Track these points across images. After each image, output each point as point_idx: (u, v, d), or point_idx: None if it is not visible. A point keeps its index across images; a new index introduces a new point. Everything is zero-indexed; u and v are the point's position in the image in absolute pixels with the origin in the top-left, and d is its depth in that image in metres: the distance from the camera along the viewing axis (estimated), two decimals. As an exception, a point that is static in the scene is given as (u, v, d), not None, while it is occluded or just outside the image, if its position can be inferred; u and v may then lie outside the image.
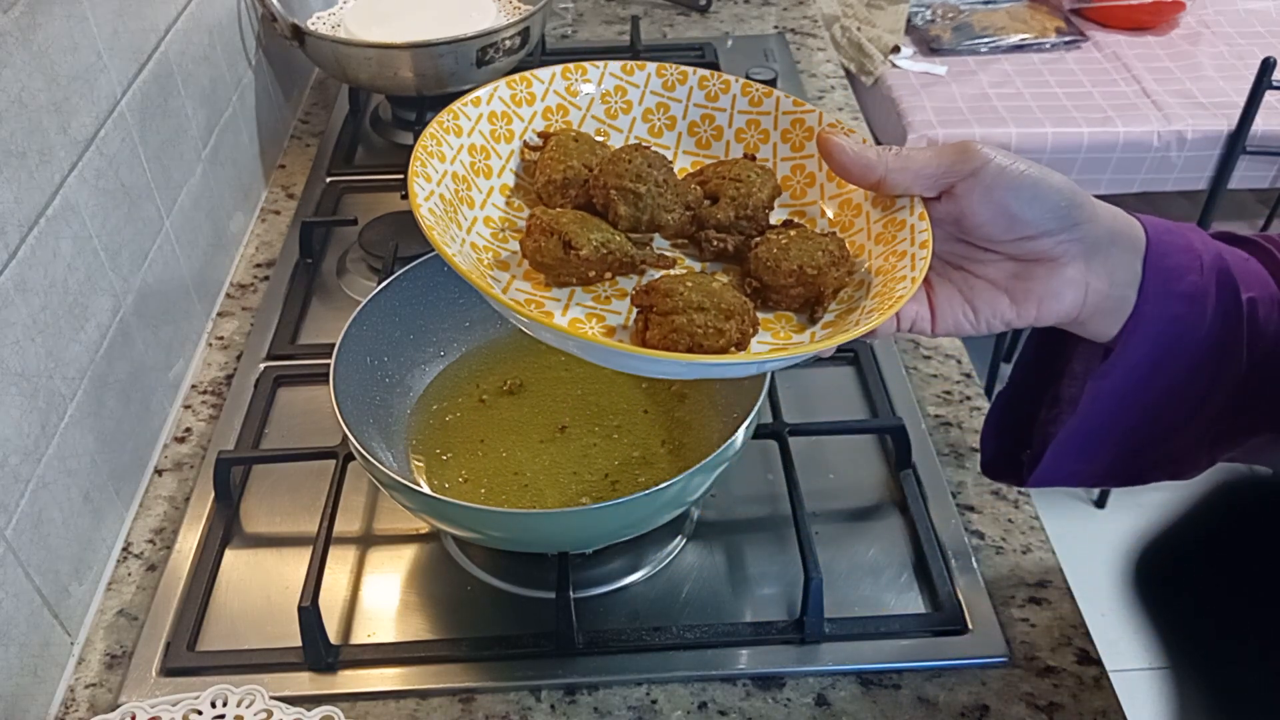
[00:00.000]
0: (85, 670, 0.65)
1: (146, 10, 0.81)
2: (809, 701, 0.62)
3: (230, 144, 0.98)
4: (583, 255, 0.52)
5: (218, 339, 0.89)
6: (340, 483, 0.70)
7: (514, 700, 0.63)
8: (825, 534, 0.71)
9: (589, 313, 0.53)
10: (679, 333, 0.49)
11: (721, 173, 0.58)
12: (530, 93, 0.60)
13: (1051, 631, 0.66)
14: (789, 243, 0.54)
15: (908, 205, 0.53)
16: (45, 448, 0.64)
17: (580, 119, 0.61)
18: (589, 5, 1.41)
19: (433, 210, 0.52)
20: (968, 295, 0.52)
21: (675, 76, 0.62)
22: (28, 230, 0.63)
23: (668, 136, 0.62)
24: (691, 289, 0.50)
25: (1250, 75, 1.52)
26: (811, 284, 0.53)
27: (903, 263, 0.51)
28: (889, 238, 0.54)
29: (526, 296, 0.53)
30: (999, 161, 0.48)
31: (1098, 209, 0.50)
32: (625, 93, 0.62)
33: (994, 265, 0.52)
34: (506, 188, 0.59)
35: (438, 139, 0.56)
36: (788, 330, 0.54)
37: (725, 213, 0.56)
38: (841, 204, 0.58)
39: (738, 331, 0.50)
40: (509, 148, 0.59)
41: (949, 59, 1.82)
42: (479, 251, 0.54)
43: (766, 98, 0.62)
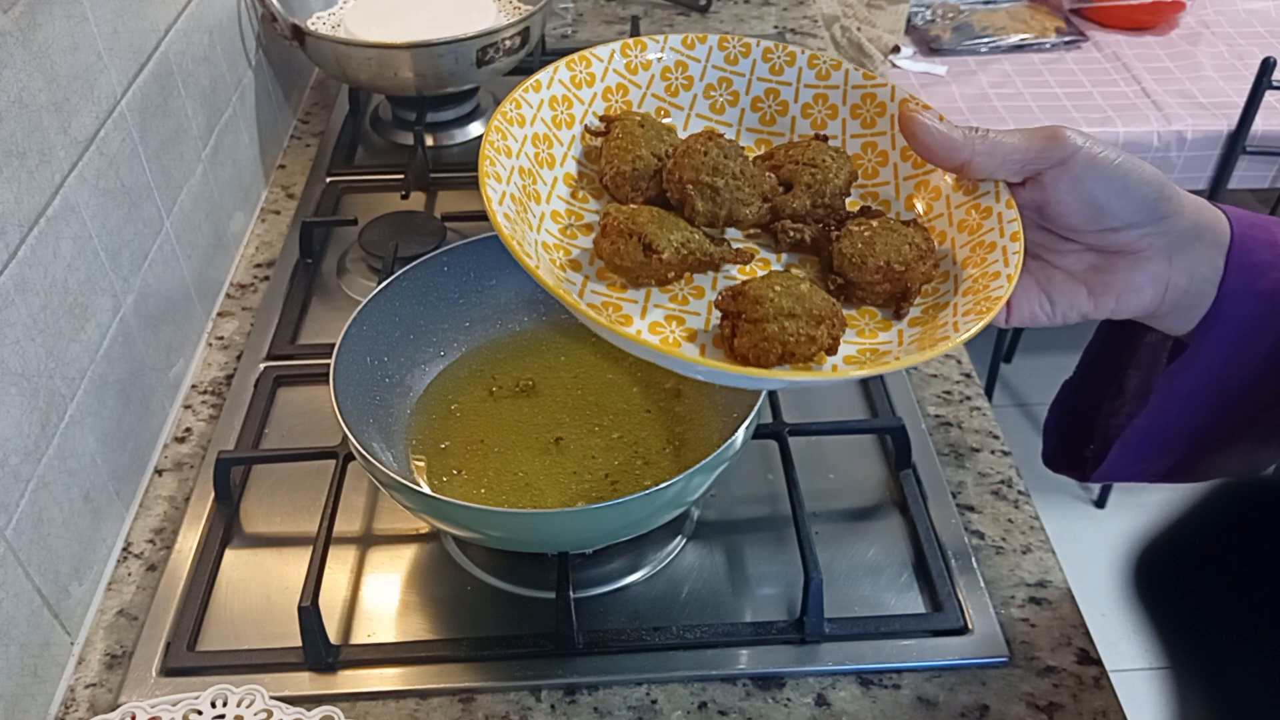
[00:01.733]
0: (85, 670, 0.65)
1: (146, 10, 0.81)
2: (809, 701, 0.62)
3: (230, 144, 0.98)
4: (665, 258, 0.51)
5: (218, 339, 0.89)
6: (340, 483, 0.70)
7: (514, 700, 0.63)
8: (825, 534, 0.71)
9: (668, 315, 0.51)
10: (770, 341, 0.48)
11: (794, 156, 0.55)
12: (590, 73, 0.58)
13: (1051, 631, 0.66)
14: (873, 236, 0.51)
15: (993, 191, 0.51)
16: (45, 448, 0.64)
17: (641, 98, 0.59)
18: (589, 5, 1.41)
19: (508, 215, 0.50)
20: (1045, 286, 0.51)
21: (738, 49, 0.59)
22: (28, 230, 0.63)
23: (730, 113, 0.59)
24: (780, 294, 0.48)
25: (1250, 75, 1.52)
26: (899, 280, 0.51)
27: (993, 255, 0.49)
28: (974, 226, 0.52)
29: (603, 299, 0.51)
30: (1090, 150, 0.47)
31: (1184, 201, 0.48)
32: (686, 68, 0.59)
33: (1073, 256, 0.50)
34: (570, 177, 0.56)
35: (503, 132, 0.53)
36: (873, 327, 0.52)
37: (801, 201, 0.54)
38: (918, 185, 0.55)
39: (829, 337, 0.49)
40: (570, 134, 0.57)
41: (949, 59, 1.82)
42: (550, 251, 0.53)
43: (835, 70, 0.58)
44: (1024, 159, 0.49)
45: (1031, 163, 0.49)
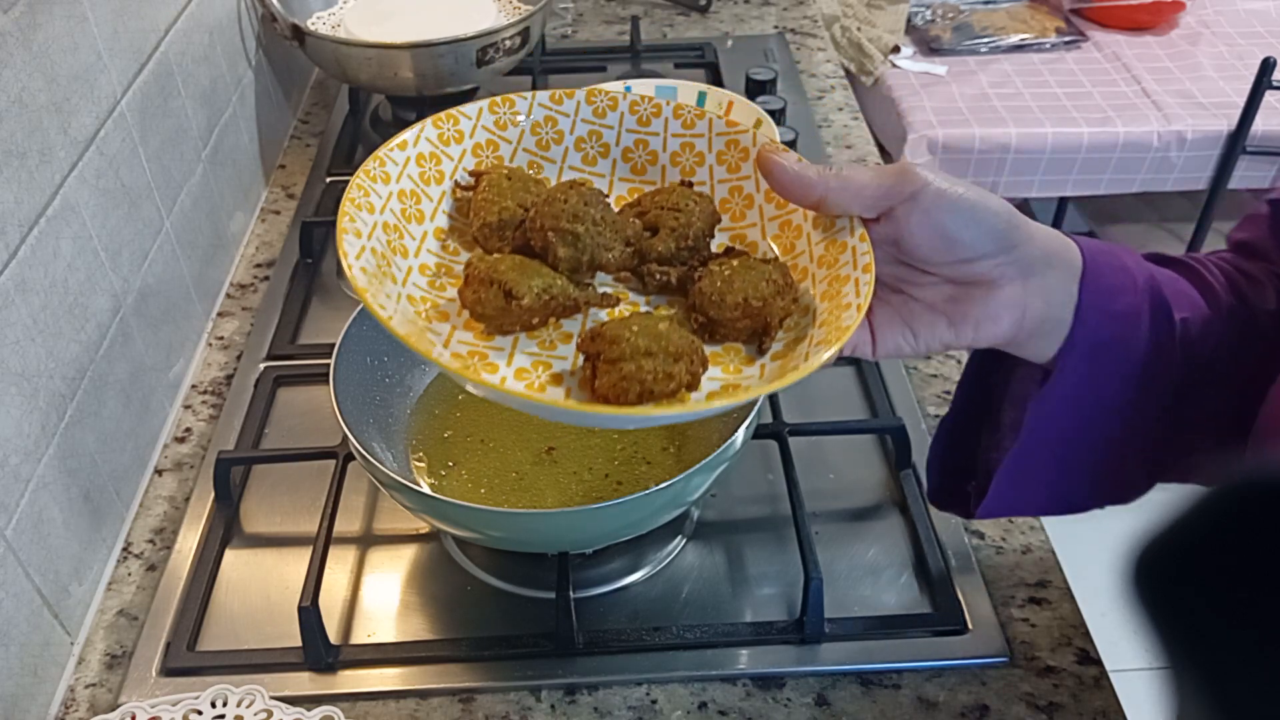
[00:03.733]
0: (85, 670, 0.65)
1: (146, 10, 0.81)
2: (809, 701, 0.63)
3: (230, 144, 0.98)
4: (524, 304, 0.51)
5: (218, 339, 0.89)
6: (340, 483, 0.70)
7: (514, 700, 0.63)
8: (825, 534, 0.71)
9: (534, 360, 0.52)
10: (628, 380, 0.48)
11: (659, 202, 0.57)
12: (458, 130, 0.59)
13: (1051, 631, 0.66)
14: (732, 274, 0.53)
15: (848, 226, 0.52)
16: (45, 448, 0.64)
17: (511, 153, 0.60)
18: (589, 5, 1.41)
19: (365, 269, 0.51)
20: (906, 318, 0.52)
21: (605, 103, 0.61)
22: (28, 230, 0.63)
23: (602, 164, 0.61)
24: (638, 333, 0.49)
25: (1250, 75, 1.52)
26: (758, 315, 0.52)
27: (847, 288, 0.51)
28: (831, 260, 0.53)
29: (469, 349, 0.52)
30: (937, 185, 0.48)
31: (1034, 231, 0.50)
32: (555, 123, 0.61)
33: (932, 288, 0.52)
34: (441, 231, 0.57)
35: (365, 189, 0.54)
36: (737, 363, 0.53)
37: (666, 244, 0.55)
38: (782, 225, 0.57)
39: (687, 373, 0.49)
40: (440, 189, 0.58)
41: (949, 59, 1.82)
42: (416, 304, 0.53)
43: (699, 120, 0.60)
44: (875, 194, 0.50)
45: (883, 198, 0.50)
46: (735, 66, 1.23)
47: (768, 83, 1.13)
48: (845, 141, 1.13)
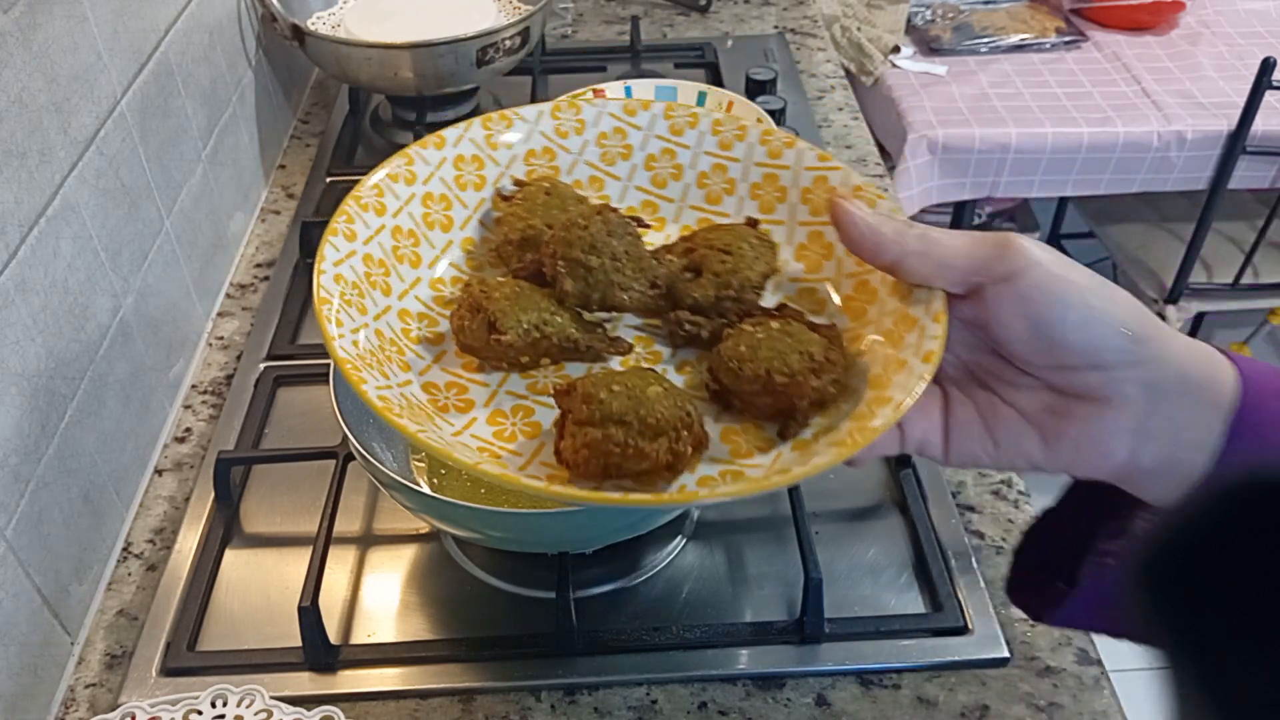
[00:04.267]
0: (85, 670, 0.65)
1: (146, 10, 0.81)
2: (809, 702, 0.62)
3: (230, 144, 0.98)
4: (506, 340, 0.45)
5: (218, 339, 0.89)
6: (340, 483, 0.70)
7: (514, 700, 0.63)
8: (825, 534, 0.71)
9: (517, 404, 0.46)
10: (592, 449, 0.41)
11: (711, 241, 0.49)
12: (509, 137, 0.53)
13: (1051, 631, 0.66)
14: (763, 338, 0.45)
15: (926, 300, 0.43)
16: (45, 448, 0.64)
17: (570, 164, 0.54)
18: (589, 5, 1.41)
19: (341, 277, 0.45)
20: (990, 422, 0.43)
21: (685, 119, 0.54)
22: (28, 230, 0.63)
23: (673, 187, 0.54)
24: (618, 394, 0.42)
25: (1250, 75, 1.52)
26: (781, 394, 0.44)
27: (899, 377, 0.42)
28: (896, 337, 0.44)
29: (450, 379, 0.46)
30: (1045, 270, 0.39)
31: (1171, 345, 0.39)
32: (625, 135, 0.54)
33: (1027, 393, 0.42)
34: (470, 242, 0.52)
35: (380, 189, 0.49)
36: (751, 444, 0.45)
37: (704, 291, 0.47)
38: (858, 286, 0.48)
39: (668, 453, 0.42)
40: (479, 196, 0.52)
41: (949, 59, 1.82)
42: (408, 319, 0.48)
43: (787, 149, 0.52)
44: (964, 268, 0.41)
45: (972, 273, 0.41)
46: (735, 66, 1.23)
47: (768, 83, 1.13)
48: (845, 141, 1.13)
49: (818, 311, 0.49)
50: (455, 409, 0.45)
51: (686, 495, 0.43)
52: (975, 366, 0.44)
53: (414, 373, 0.46)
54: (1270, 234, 1.64)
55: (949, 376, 0.44)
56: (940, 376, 0.44)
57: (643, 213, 0.55)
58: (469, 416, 0.45)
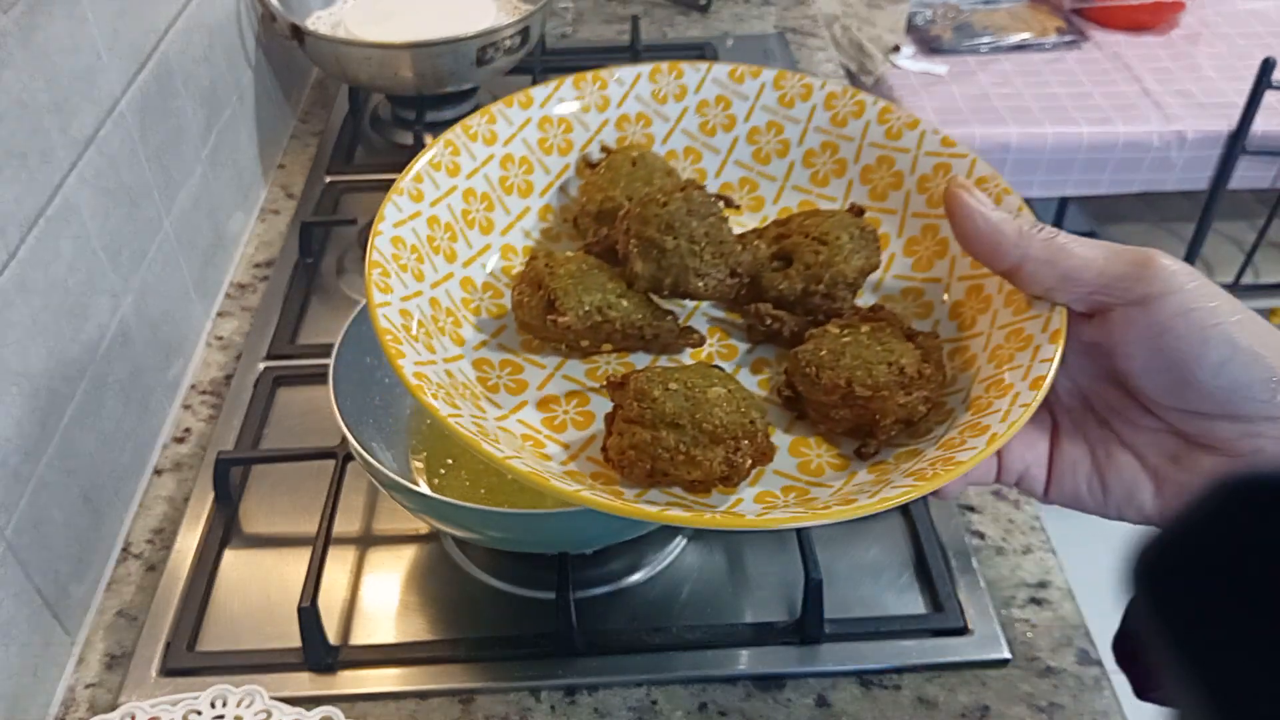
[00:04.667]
0: (85, 670, 0.65)
1: (146, 10, 0.81)
2: (809, 702, 0.62)
3: (230, 144, 0.98)
4: (563, 322, 0.41)
5: (217, 339, 0.89)
6: (340, 483, 0.70)
7: (514, 701, 0.63)
8: (825, 534, 0.71)
9: (572, 391, 0.43)
10: (639, 451, 0.38)
11: (807, 228, 0.45)
12: (603, 96, 0.49)
13: (1052, 632, 0.66)
14: (848, 343, 0.40)
15: (1044, 315, 0.38)
16: (45, 448, 0.64)
17: (667, 133, 0.50)
18: (589, 5, 1.41)
19: (400, 240, 0.42)
20: (1102, 464, 0.38)
21: (797, 90, 0.49)
22: (27, 230, 0.63)
23: (776, 165, 0.50)
24: (674, 393, 0.38)
25: (1250, 75, 1.52)
26: (862, 408, 0.39)
27: (1000, 403, 0.37)
28: (1005, 355, 0.39)
29: (505, 356, 0.43)
30: (1188, 296, 0.34)
31: None
32: (729, 105, 0.50)
33: (1150, 434, 0.37)
34: (550, 210, 0.48)
35: (455, 147, 0.46)
36: (823, 462, 0.40)
37: (791, 284, 0.44)
38: (970, 290, 0.43)
39: (724, 464, 0.37)
40: (564, 161, 0.49)
41: (949, 59, 1.82)
42: (471, 289, 0.44)
43: (909, 130, 0.47)
44: (1093, 283, 0.36)
45: (1102, 291, 0.36)
46: (735, 66, 1.23)
47: (768, 83, 1.12)
48: (845, 141, 1.13)
49: (922, 316, 0.45)
50: (506, 389, 0.42)
51: (728, 520, 0.37)
52: (1094, 398, 0.39)
53: (468, 347, 0.43)
54: (1270, 234, 1.64)
55: (1063, 405, 0.40)
56: (1053, 403, 0.40)
57: (740, 191, 0.50)
58: (519, 399, 0.42)
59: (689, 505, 0.38)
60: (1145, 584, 0.31)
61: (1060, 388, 0.40)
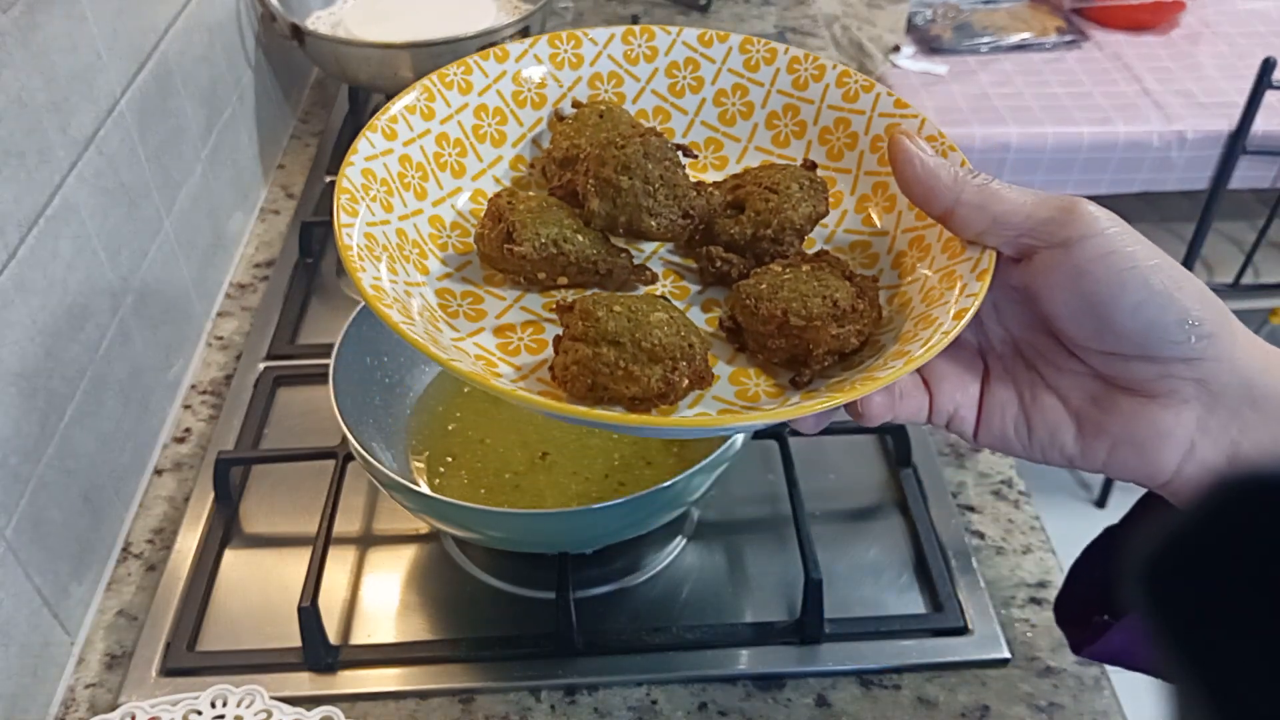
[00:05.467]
0: (85, 670, 0.65)
1: (146, 10, 0.81)
2: (809, 702, 0.62)
3: (230, 144, 0.98)
4: (519, 251, 0.43)
5: (217, 339, 0.89)
6: (340, 483, 0.70)
7: (514, 700, 0.63)
8: (825, 534, 0.71)
9: (528, 321, 0.44)
10: (581, 366, 0.40)
11: (761, 179, 0.47)
12: (577, 54, 0.52)
13: (1052, 632, 0.66)
14: (787, 279, 0.42)
15: (974, 258, 0.40)
16: (45, 448, 0.64)
17: (637, 92, 0.52)
18: (589, 4, 1.41)
19: (370, 173, 0.44)
20: (1028, 406, 0.39)
21: (761, 54, 0.51)
22: (27, 230, 0.63)
23: (740, 126, 0.52)
24: (617, 314, 0.40)
25: (1250, 75, 1.52)
26: (796, 337, 0.41)
27: (925, 333, 0.39)
28: (937, 295, 0.41)
29: (467, 288, 0.45)
30: (1107, 240, 0.35)
31: (1239, 347, 0.35)
32: (697, 67, 0.52)
33: (1072, 377, 0.39)
34: (522, 161, 0.50)
35: (431, 92, 0.47)
36: (760, 389, 0.42)
37: (742, 228, 0.46)
38: (913, 241, 0.45)
39: (661, 380, 0.39)
40: (537, 114, 0.50)
41: (949, 58, 1.82)
42: (440, 226, 0.46)
43: (864, 93, 0.49)
44: (1020, 227, 0.38)
45: (1029, 234, 0.38)
46: (735, 66, 1.23)
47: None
48: (845, 141, 1.13)
49: (867, 267, 0.47)
50: (466, 317, 0.44)
51: (659, 420, 0.40)
52: (1024, 343, 0.40)
53: (431, 277, 0.45)
54: (1270, 234, 1.64)
55: (994, 350, 0.41)
56: (985, 348, 0.42)
57: (706, 151, 0.52)
58: (477, 325, 0.44)
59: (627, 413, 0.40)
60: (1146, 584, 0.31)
61: (993, 334, 0.42)
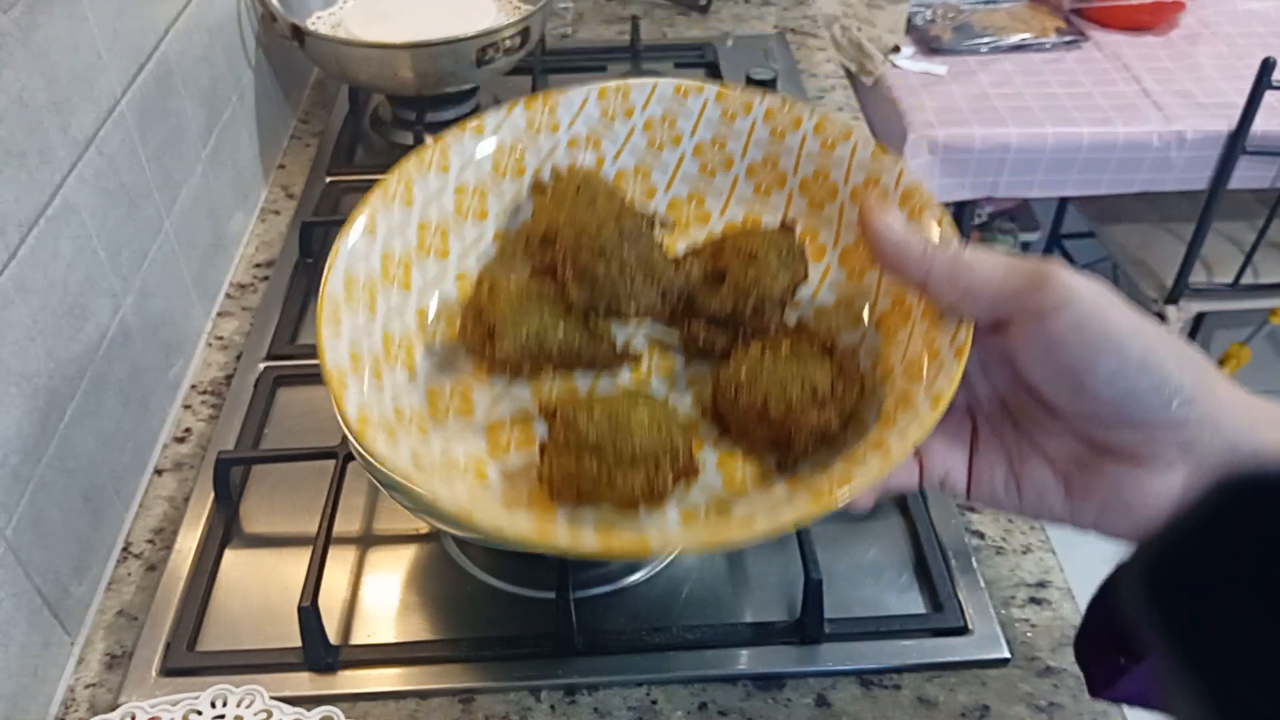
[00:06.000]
0: (85, 670, 0.65)
1: (146, 10, 0.81)
2: (809, 702, 0.62)
3: (230, 144, 0.98)
4: (504, 348, 0.44)
5: (217, 339, 0.89)
6: (340, 483, 0.70)
7: (514, 700, 0.63)
8: (825, 534, 0.71)
9: (517, 412, 0.44)
10: (565, 478, 0.40)
11: (740, 246, 0.47)
12: (554, 120, 0.51)
13: (1051, 632, 0.66)
14: (766, 364, 0.42)
15: (953, 330, 0.39)
16: (45, 448, 0.64)
17: (617, 150, 0.51)
18: (589, 5, 1.41)
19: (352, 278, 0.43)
20: (1016, 464, 0.39)
21: (738, 106, 0.51)
22: (28, 230, 0.63)
23: (721, 179, 0.52)
24: (598, 421, 0.40)
25: (1250, 75, 1.52)
26: (778, 426, 0.41)
27: (903, 418, 0.39)
28: (916, 370, 0.41)
29: (454, 382, 0.45)
30: (1082, 309, 0.34)
31: (1220, 407, 0.34)
32: (674, 122, 0.51)
33: (1057, 439, 0.38)
34: (503, 236, 0.50)
35: (410, 182, 0.47)
36: (746, 476, 0.43)
37: (723, 302, 0.46)
38: (895, 301, 0.45)
39: (646, 484, 0.40)
40: (517, 185, 0.50)
41: (949, 59, 1.82)
42: (425, 317, 0.46)
43: (841, 142, 0.49)
44: (992, 299, 0.37)
45: (1001, 306, 0.37)
46: (735, 66, 1.23)
47: (768, 83, 1.13)
48: (845, 141, 1.13)
49: (851, 327, 0.46)
50: (455, 414, 0.44)
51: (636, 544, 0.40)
52: (1011, 403, 0.40)
53: (419, 376, 0.45)
54: (1270, 234, 1.64)
55: (983, 409, 0.41)
56: (974, 408, 0.41)
57: (688, 205, 0.52)
58: (467, 423, 0.44)
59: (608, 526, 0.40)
60: (1146, 584, 0.31)
61: (980, 391, 0.41)
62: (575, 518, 0.41)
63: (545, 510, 0.41)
